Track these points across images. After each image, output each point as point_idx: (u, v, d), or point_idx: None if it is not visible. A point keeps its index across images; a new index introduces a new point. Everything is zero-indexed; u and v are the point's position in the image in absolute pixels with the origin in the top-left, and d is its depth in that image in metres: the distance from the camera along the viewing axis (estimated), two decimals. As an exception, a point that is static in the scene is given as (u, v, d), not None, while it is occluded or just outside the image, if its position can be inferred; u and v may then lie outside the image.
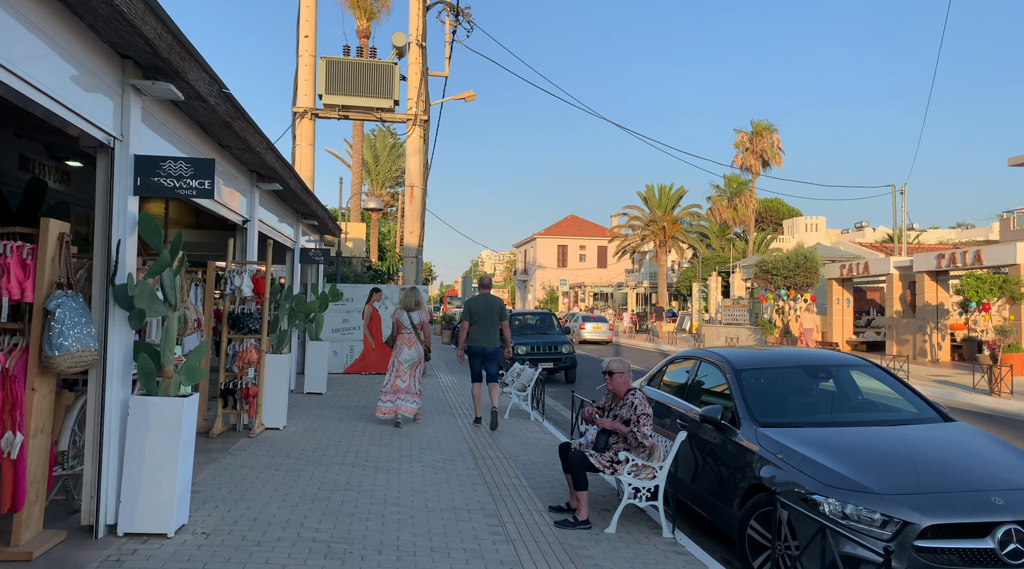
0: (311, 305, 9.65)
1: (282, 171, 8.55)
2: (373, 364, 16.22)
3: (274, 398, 8.72)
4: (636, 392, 5.87)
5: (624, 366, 6.00)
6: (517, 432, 9.95)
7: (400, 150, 45.43)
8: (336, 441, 8.42)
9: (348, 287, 16.27)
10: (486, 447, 8.62)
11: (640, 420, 5.72)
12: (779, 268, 28.71)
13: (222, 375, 8.49)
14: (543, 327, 19.24)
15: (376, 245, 35.16)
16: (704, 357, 6.76)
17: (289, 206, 11.41)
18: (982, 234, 58.12)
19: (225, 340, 8.51)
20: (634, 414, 5.75)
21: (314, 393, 12.49)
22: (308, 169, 16.66)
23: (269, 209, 10.29)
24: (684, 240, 52.05)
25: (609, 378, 5.96)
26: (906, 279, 25.21)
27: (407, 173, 17.15)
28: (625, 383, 5.96)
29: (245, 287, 8.33)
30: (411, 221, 17.07)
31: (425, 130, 17.00)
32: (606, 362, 6.05)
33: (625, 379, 5.96)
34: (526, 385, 11.41)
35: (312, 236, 15.15)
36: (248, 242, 8.93)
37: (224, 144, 7.38)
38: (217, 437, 8.25)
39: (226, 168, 8.03)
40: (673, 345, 32.35)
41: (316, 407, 11.01)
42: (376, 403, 11.62)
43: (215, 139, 7.11)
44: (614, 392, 5.99)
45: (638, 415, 5.73)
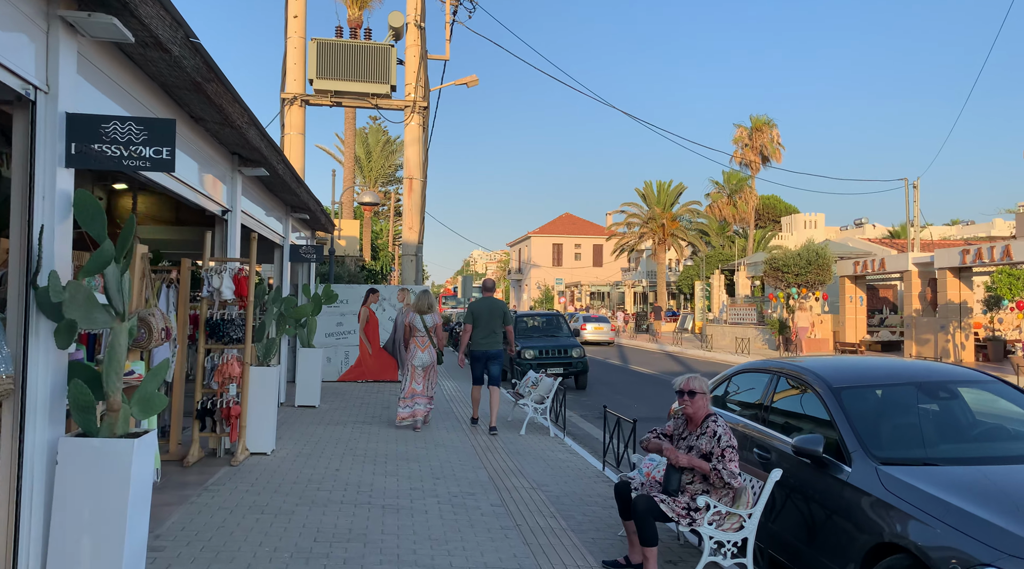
0: (303, 309, 8.38)
1: (268, 153, 7.30)
2: (370, 371, 14.97)
3: (260, 418, 7.47)
4: (719, 419, 4.66)
5: (705, 384, 4.79)
6: (539, 452, 8.73)
7: (393, 146, 44.14)
8: (334, 469, 7.17)
9: (342, 288, 15.01)
10: (509, 474, 7.40)
11: (725, 454, 4.51)
12: (790, 265, 27.60)
13: (199, 392, 7.23)
14: (551, 329, 18.02)
15: (369, 244, 33.87)
16: (782, 370, 5.55)
17: (277, 197, 10.15)
18: (983, 230, 57.38)
19: (202, 351, 7.25)
20: (717, 446, 4.54)
21: (306, 406, 11.22)
22: (299, 160, 15.39)
23: (254, 200, 9.03)
24: (684, 238, 50.99)
25: (689, 399, 4.74)
26: (925, 276, 24.14)
27: (405, 164, 15.90)
28: (706, 406, 4.75)
29: (225, 289, 7.08)
30: (410, 216, 15.81)
31: (424, 118, 15.75)
32: (682, 379, 4.85)
33: (707, 401, 4.76)
34: (544, 397, 10.20)
35: (303, 232, 13.88)
36: (229, 236, 7.67)
37: (197, 116, 6.13)
38: (193, 466, 7.00)
39: (201, 148, 6.77)
40: (678, 346, 31.24)
41: (309, 424, 9.75)
42: (377, 414, 10.39)
43: (185, 108, 5.86)
44: (691, 417, 4.78)
45: (723, 448, 4.52)
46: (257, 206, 9.23)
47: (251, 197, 8.78)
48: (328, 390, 13.43)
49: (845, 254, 30.92)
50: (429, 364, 9.52)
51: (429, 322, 9.47)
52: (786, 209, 63.52)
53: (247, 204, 8.53)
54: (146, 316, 5.64)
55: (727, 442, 4.54)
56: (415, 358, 9.43)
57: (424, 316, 9.46)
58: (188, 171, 6.45)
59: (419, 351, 9.43)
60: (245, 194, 8.42)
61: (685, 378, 4.84)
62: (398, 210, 50.94)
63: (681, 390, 4.79)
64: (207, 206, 7.08)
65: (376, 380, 14.98)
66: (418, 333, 9.43)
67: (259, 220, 9.31)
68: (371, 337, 15.00)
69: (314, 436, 8.87)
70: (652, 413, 12.96)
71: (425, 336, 9.43)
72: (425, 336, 9.43)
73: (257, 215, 9.19)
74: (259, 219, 9.33)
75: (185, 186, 6.39)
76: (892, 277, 29.76)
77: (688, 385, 4.76)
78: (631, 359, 25.91)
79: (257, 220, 9.17)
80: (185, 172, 6.33)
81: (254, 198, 8.99)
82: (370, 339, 14.99)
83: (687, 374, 4.93)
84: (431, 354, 9.48)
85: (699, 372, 17.54)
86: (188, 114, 6.13)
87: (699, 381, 4.78)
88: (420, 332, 9.43)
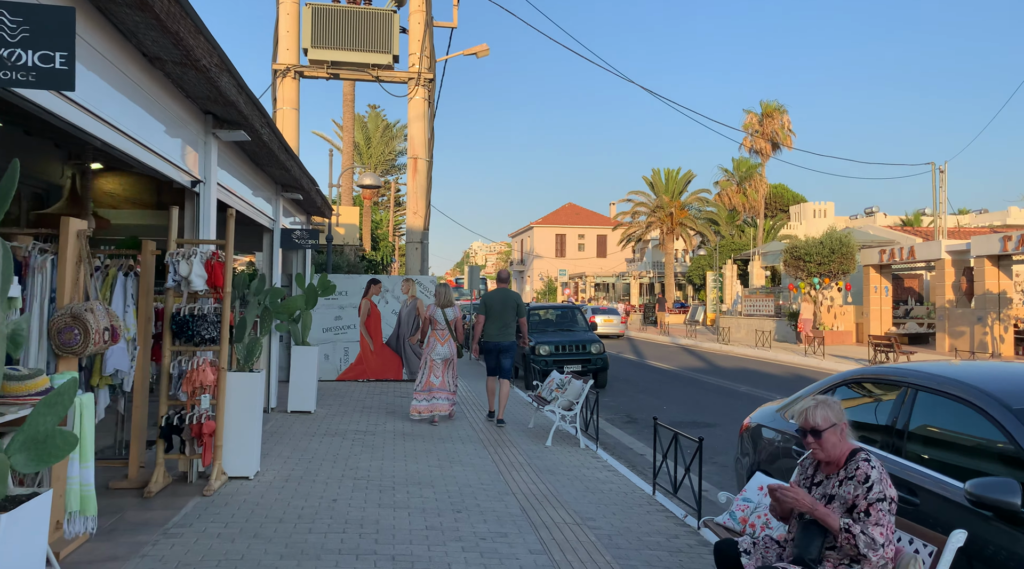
0: (292, 302, 6.97)
1: (247, 110, 5.93)
2: (372, 370, 13.63)
3: (241, 435, 6.13)
4: (871, 458, 3.29)
5: (833, 411, 3.41)
6: (573, 470, 7.40)
7: (393, 132, 42.67)
8: (330, 498, 5.83)
9: (341, 278, 13.66)
10: (543, 502, 6.06)
11: (872, 511, 3.16)
12: (812, 254, 26.25)
13: (163, 405, 5.88)
14: (567, 323, 16.68)
15: (369, 233, 32.51)
16: (920, 383, 4.19)
17: (264, 172, 8.78)
18: (999, 219, 56.01)
19: (167, 354, 5.90)
20: (864, 497, 3.20)
21: (300, 412, 9.88)
22: (292, 138, 14.01)
23: (236, 173, 7.66)
24: (693, 227, 49.63)
25: (816, 441, 3.37)
26: (960, 264, 22.78)
27: (409, 142, 14.50)
28: (844, 440, 3.39)
29: (195, 277, 5.72)
30: (414, 199, 14.43)
31: (430, 91, 14.34)
32: (799, 411, 3.47)
33: (843, 433, 3.39)
34: (573, 402, 8.86)
35: (297, 217, 12.51)
36: (202, 213, 6.31)
37: (151, 53, 4.76)
38: (157, 496, 5.66)
39: (162, 100, 5.41)
40: (691, 339, 29.90)
41: (302, 435, 8.41)
42: (380, 421, 9.06)
43: (133, 41, 4.49)
44: (826, 459, 3.42)
45: (870, 501, 3.17)
46: (240, 182, 7.86)
47: (231, 169, 7.41)
48: (326, 391, 12.10)
49: (868, 242, 29.54)
50: (449, 357, 9.44)
51: (450, 315, 9.43)
52: (794, 198, 62.23)
53: (226, 177, 7.16)
54: (81, 312, 4.29)
55: (879, 493, 3.19)
56: (434, 351, 9.36)
57: (445, 310, 9.43)
58: (143, 127, 5.09)
59: (439, 344, 9.36)
60: (223, 165, 7.05)
61: (801, 410, 3.45)
62: (398, 200, 49.51)
63: (802, 429, 3.41)
64: (171, 175, 5.72)
65: (379, 379, 13.65)
66: (439, 326, 9.38)
67: (242, 198, 7.94)
68: (373, 332, 13.67)
69: (308, 452, 7.52)
70: (686, 415, 11.63)
71: (445, 329, 9.40)
72: (445, 329, 9.40)
73: (240, 191, 7.82)
74: (243, 197, 7.96)
75: (139, 146, 5.04)
76: (917, 266, 28.42)
77: (812, 421, 3.37)
78: (646, 353, 24.58)
79: (240, 197, 7.80)
80: (138, 127, 4.97)
81: (236, 171, 7.62)
82: (372, 334, 13.66)
83: (803, 400, 3.53)
84: (451, 347, 9.42)
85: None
86: (140, 51, 4.76)
87: (823, 409, 3.38)
88: (441, 325, 9.39)
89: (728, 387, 15.49)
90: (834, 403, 3.44)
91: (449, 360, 9.44)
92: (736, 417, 11.70)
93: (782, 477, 4.94)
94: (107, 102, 4.51)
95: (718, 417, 11.70)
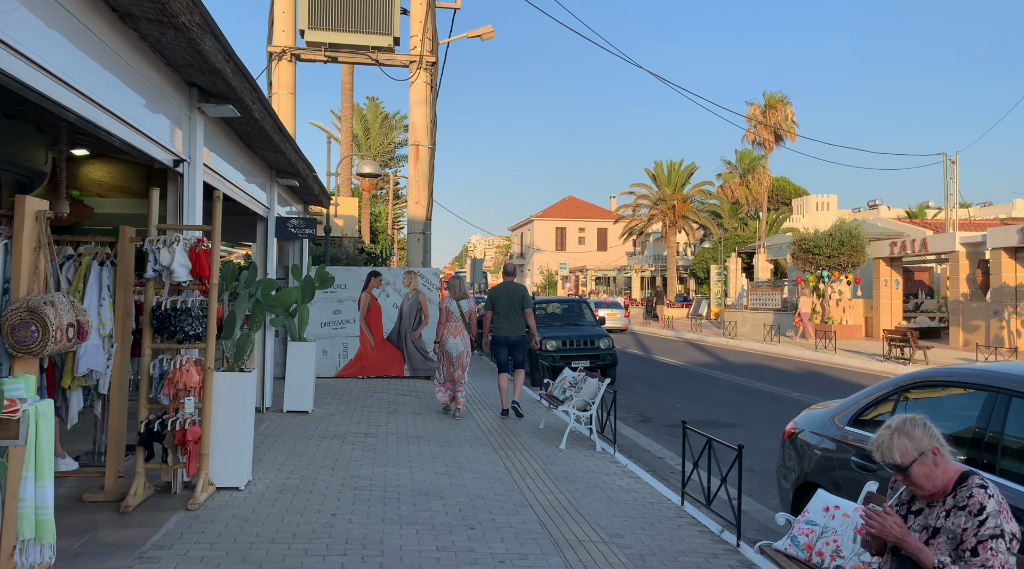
0: (286, 295, 6.32)
1: (236, 81, 5.33)
2: (372, 366, 13.05)
3: (230, 441, 5.55)
4: (988, 485, 2.70)
5: (921, 440, 2.77)
6: (591, 476, 6.83)
7: (392, 122, 41.97)
8: (329, 513, 5.25)
9: (340, 270, 13.06)
10: (564, 515, 5.49)
11: (983, 548, 2.59)
12: (821, 247, 25.68)
13: (143, 410, 5.30)
14: (574, 317, 16.08)
15: (368, 225, 31.91)
16: (1013, 387, 3.61)
17: (257, 155, 8.17)
18: (1004, 211, 55.48)
19: (147, 353, 5.31)
20: (975, 530, 2.62)
21: (297, 412, 9.30)
22: (289, 124, 13.39)
23: (226, 155, 7.06)
24: (696, 220, 49.05)
25: (904, 478, 2.77)
26: (974, 257, 22.21)
27: (410, 129, 13.88)
28: (943, 467, 2.77)
29: (177, 266, 5.13)
30: (416, 188, 13.81)
31: (432, 75, 13.71)
32: (880, 447, 2.82)
33: (936, 462, 2.76)
34: (588, 402, 8.28)
35: (294, 206, 11.91)
36: (186, 196, 5.71)
37: (123, 9, 4.15)
38: (135, 510, 5.07)
39: (140, 70, 4.81)
40: (697, 333, 29.32)
41: (298, 438, 7.83)
42: (382, 421, 8.49)
43: (98, -8, 3.88)
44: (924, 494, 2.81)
45: (981, 538, 2.59)
46: (230, 165, 7.26)
47: (220, 150, 6.80)
48: (325, 388, 11.52)
49: (877, 235, 28.97)
50: (463, 349, 9.45)
51: (465, 308, 9.52)
52: (796, 191, 61.75)
53: (214, 158, 6.56)
54: (39, 306, 3.70)
55: (994, 528, 2.60)
56: (447, 343, 9.40)
57: (460, 302, 9.50)
58: (118, 97, 4.49)
59: (451, 337, 9.40)
60: (211, 145, 6.45)
61: (877, 443, 2.80)
62: (397, 193, 48.85)
63: (890, 463, 2.79)
64: (151, 152, 5.12)
65: (379, 376, 13.07)
66: (453, 318, 9.45)
67: (233, 182, 7.34)
68: (373, 326, 13.08)
69: (304, 457, 6.93)
70: (702, 414, 11.06)
71: (460, 322, 9.46)
72: (460, 322, 9.46)
73: (230, 175, 7.22)
74: (234, 181, 7.36)
75: (113, 118, 4.44)
76: (928, 259, 27.89)
77: (887, 457, 2.73)
78: (652, 348, 24.03)
79: (230, 181, 7.19)
80: (112, 97, 4.38)
81: (225, 152, 7.01)
82: (372, 329, 13.07)
83: (879, 431, 2.88)
84: (464, 340, 9.47)
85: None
86: (108, 5, 4.15)
87: (901, 439, 2.71)
88: (455, 318, 9.46)
89: (742, 384, 14.93)
90: (914, 427, 2.78)
91: (463, 352, 9.47)
92: (756, 416, 11.15)
93: (837, 493, 4.37)
94: (74, 67, 3.92)
95: (737, 416, 11.14)
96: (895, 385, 4.53)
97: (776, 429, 10.08)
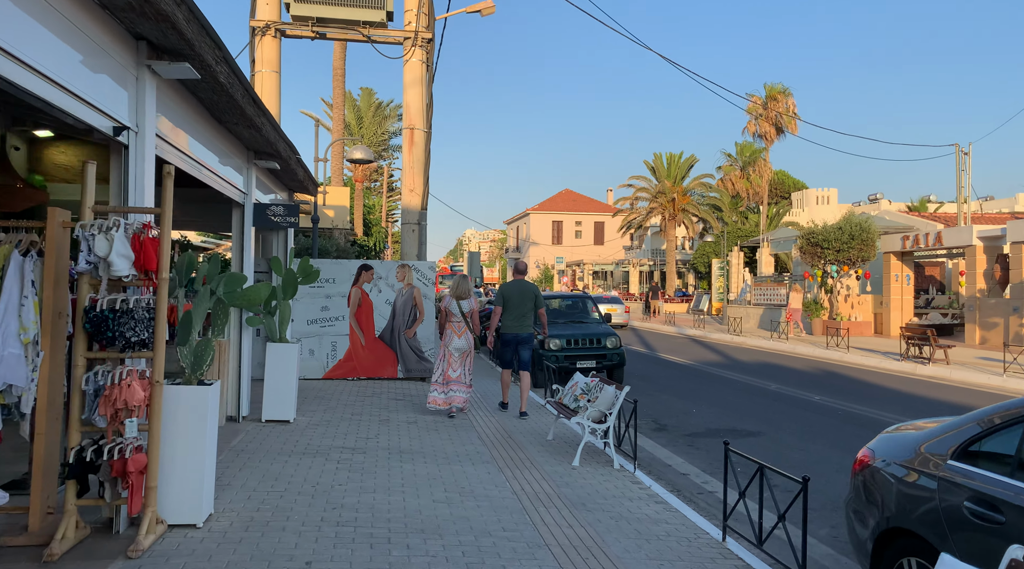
0: (257, 290, 5.23)
1: (192, 32, 4.34)
2: (363, 367, 12.09)
3: (185, 468, 4.58)
4: None
5: None
6: (613, 503, 5.89)
7: (386, 111, 40.85)
8: (303, 561, 4.29)
9: (327, 264, 12.09)
10: (589, 558, 4.55)
11: None
12: (830, 240, 24.80)
13: (75, 434, 4.32)
14: (577, 314, 15.12)
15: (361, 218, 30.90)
16: None
17: (229, 131, 7.18)
18: (1006, 205, 54.84)
19: (80, 364, 4.34)
20: None
21: (277, 421, 8.34)
22: (274, 105, 12.39)
23: (188, 127, 6.07)
24: (696, 213, 48.13)
25: None
26: (992, 252, 21.34)
27: (404, 111, 12.88)
28: None
29: (117, 257, 4.16)
30: (410, 175, 12.82)
31: (429, 53, 12.71)
32: None
33: None
34: (605, 413, 7.34)
35: (278, 193, 10.92)
36: (132, 171, 4.72)
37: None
38: (63, 559, 4.11)
39: (67, 11, 3.82)
40: (700, 330, 28.43)
41: (275, 455, 6.87)
42: (373, 432, 7.54)
43: None
44: None
45: None
46: (197, 140, 6.27)
47: (182, 121, 5.81)
48: (310, 392, 10.56)
49: (886, 228, 28.11)
50: (466, 350, 9.22)
51: (466, 307, 9.20)
52: (795, 185, 61.10)
53: (173, 131, 5.57)
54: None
55: None
56: (451, 343, 9.14)
57: (461, 301, 9.19)
58: (37, 47, 3.51)
59: (455, 337, 9.14)
60: (169, 114, 5.46)
61: None
62: (391, 186, 47.73)
63: None
64: (82, 116, 4.14)
65: (370, 378, 12.11)
66: (454, 318, 9.17)
67: (200, 161, 6.35)
68: (364, 324, 12.12)
69: (280, 480, 5.97)
70: (720, 420, 10.11)
71: (462, 321, 9.17)
72: (462, 321, 9.17)
73: (197, 152, 6.23)
74: (200, 159, 6.37)
75: (29, 71, 3.46)
76: (938, 253, 27.02)
77: None
78: (655, 345, 23.11)
79: (196, 159, 6.21)
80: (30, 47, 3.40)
81: (189, 125, 6.02)
82: (363, 327, 12.11)
83: None
84: (467, 340, 9.20)
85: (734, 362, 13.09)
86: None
87: None
88: (456, 317, 9.18)
89: (756, 385, 14.02)
90: None
91: (467, 352, 9.24)
92: (779, 422, 10.24)
93: (943, 546, 3.45)
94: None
95: (758, 423, 10.22)
96: (997, 413, 3.61)
97: (803, 438, 9.17)
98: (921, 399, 12.45)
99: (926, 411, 11.12)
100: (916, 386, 14.16)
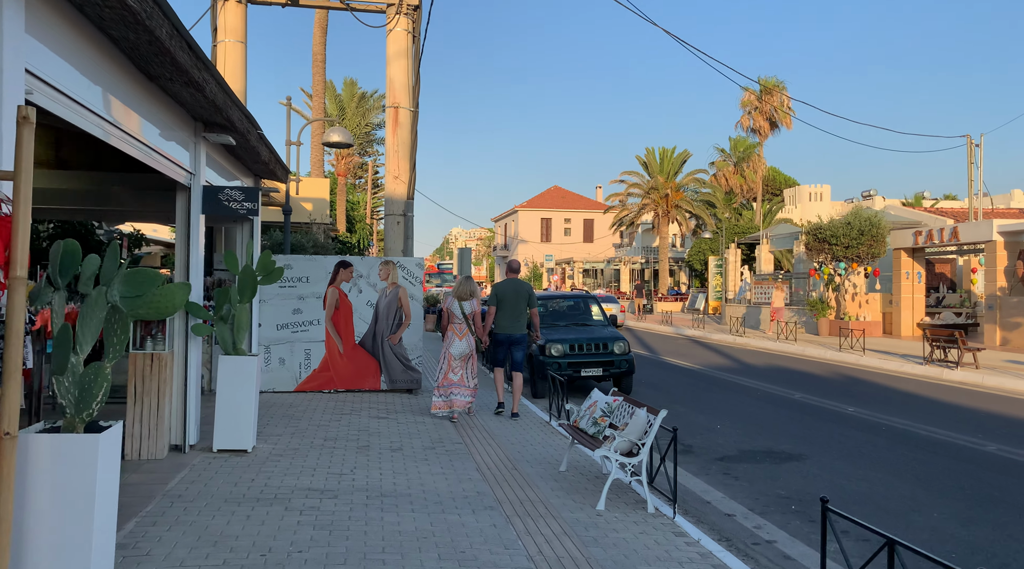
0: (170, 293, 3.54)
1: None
2: (341, 378, 10.61)
3: (59, 558, 3.11)
4: None
5: None
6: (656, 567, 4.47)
7: (369, 102, 39.21)
8: None
9: (300, 260, 10.60)
10: None
11: None
12: (838, 236, 23.58)
13: None
14: (579, 316, 13.71)
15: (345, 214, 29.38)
16: None
17: (164, 91, 5.68)
18: (1003, 202, 54.03)
19: None
20: None
21: (231, 451, 6.85)
22: (238, 80, 10.86)
23: (97, 75, 4.57)
24: (689, 209, 46.92)
25: None
26: (1013, 247, 20.15)
27: (388, 87, 11.39)
28: None
29: (-62, 245, 2.67)
30: (394, 160, 11.34)
31: (414, 22, 11.23)
32: None
33: None
34: (637, 444, 5.92)
35: (243, 179, 9.42)
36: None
37: None
38: None
39: None
40: (699, 330, 27.12)
41: (221, 502, 5.38)
42: (350, 462, 6.09)
43: None
44: None
45: None
46: (112, 94, 4.77)
47: (85, 65, 4.32)
48: (279, 408, 9.08)
49: (894, 223, 26.93)
50: (468, 353, 8.96)
51: (467, 309, 8.95)
52: (786, 181, 60.20)
53: (69, 75, 4.08)
54: None
55: None
56: (452, 346, 8.89)
57: (463, 302, 8.94)
58: None
59: (456, 339, 8.90)
60: (60, 49, 3.97)
61: None
62: (376, 182, 46.09)
63: None
64: None
65: (350, 390, 10.64)
66: (456, 320, 8.92)
67: (116, 122, 4.85)
68: (342, 329, 10.65)
69: (219, 549, 4.49)
70: (749, 439, 8.67)
71: (463, 323, 8.92)
72: (463, 323, 8.92)
73: (114, 112, 4.74)
74: (118, 121, 4.87)
75: None
76: (948, 250, 25.87)
77: None
78: (657, 347, 21.75)
79: (109, 120, 4.71)
80: None
81: (97, 72, 4.52)
82: (341, 332, 10.63)
83: None
84: (469, 342, 8.95)
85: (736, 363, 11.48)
86: None
87: None
88: (458, 319, 8.92)
89: (779, 394, 12.67)
90: None
91: (468, 356, 8.98)
92: (820, 441, 8.86)
93: None
94: None
95: (796, 443, 8.84)
96: None
97: (856, 463, 7.76)
98: (964, 410, 11.15)
99: (975, 425, 9.81)
100: (949, 394, 12.88)
